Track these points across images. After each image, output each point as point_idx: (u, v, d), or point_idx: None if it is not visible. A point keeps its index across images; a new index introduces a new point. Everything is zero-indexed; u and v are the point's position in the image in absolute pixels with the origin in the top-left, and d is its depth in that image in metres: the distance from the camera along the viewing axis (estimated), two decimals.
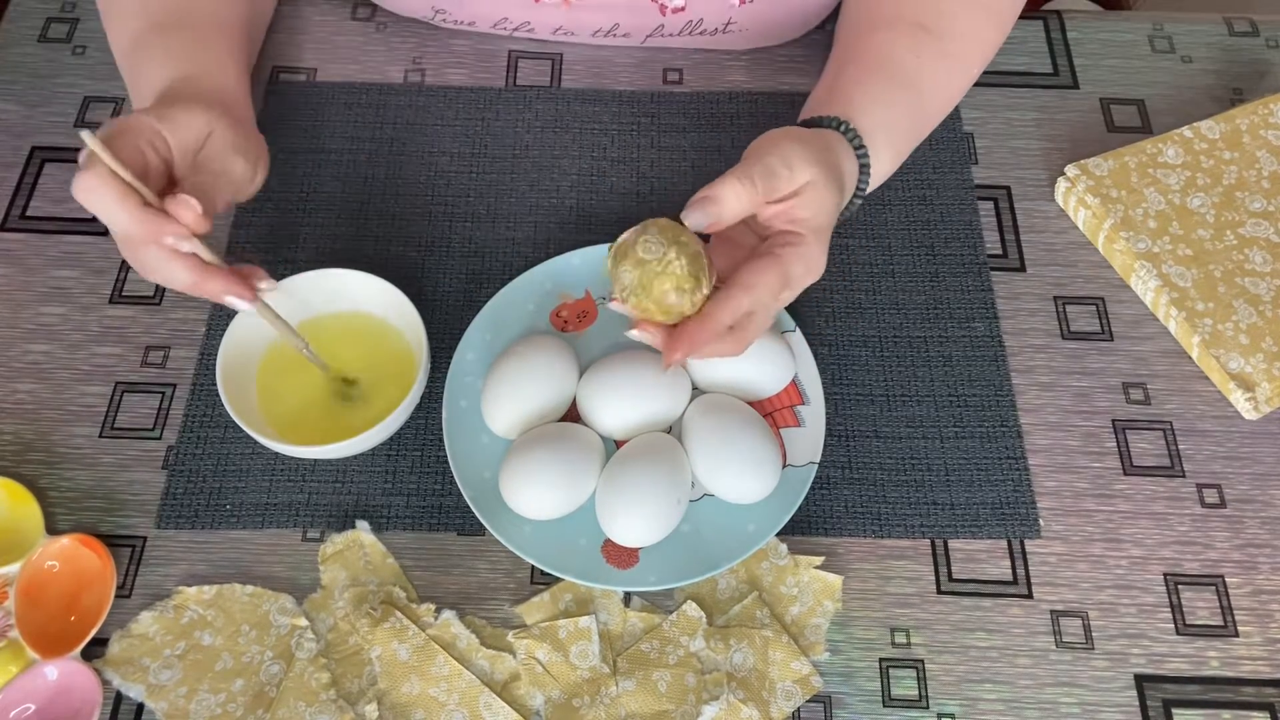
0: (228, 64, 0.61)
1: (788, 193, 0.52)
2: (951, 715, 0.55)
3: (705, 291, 0.52)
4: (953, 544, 0.60)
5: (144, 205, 0.50)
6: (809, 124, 0.58)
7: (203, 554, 0.59)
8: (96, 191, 0.49)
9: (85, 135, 0.48)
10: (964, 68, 0.65)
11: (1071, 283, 0.68)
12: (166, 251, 0.52)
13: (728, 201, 0.51)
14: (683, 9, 0.70)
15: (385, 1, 0.75)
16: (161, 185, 0.53)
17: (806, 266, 0.53)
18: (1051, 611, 0.58)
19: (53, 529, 0.59)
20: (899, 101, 0.61)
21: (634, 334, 0.53)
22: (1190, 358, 0.65)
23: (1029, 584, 0.59)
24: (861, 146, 0.57)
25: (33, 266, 0.67)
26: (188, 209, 0.50)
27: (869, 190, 0.59)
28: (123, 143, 0.51)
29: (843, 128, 0.57)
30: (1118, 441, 0.63)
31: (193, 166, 0.54)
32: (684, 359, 0.52)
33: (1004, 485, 0.61)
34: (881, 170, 0.60)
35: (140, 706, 0.55)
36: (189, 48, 0.60)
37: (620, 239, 0.52)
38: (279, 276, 0.61)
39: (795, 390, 0.62)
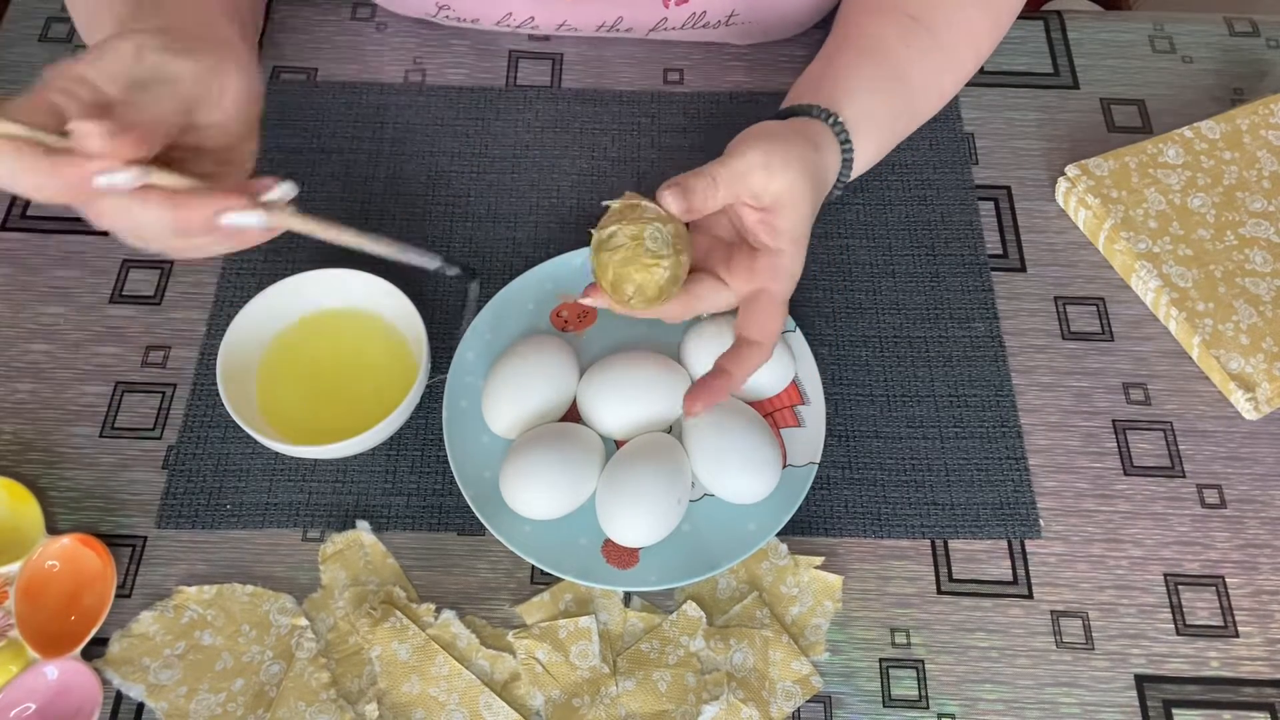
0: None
1: (765, 198, 0.53)
2: (951, 715, 0.55)
3: (677, 264, 0.52)
4: (953, 544, 0.60)
5: (47, 152, 0.42)
6: (794, 110, 0.58)
7: (203, 554, 0.59)
8: None
9: None
10: (955, 63, 0.64)
11: (1072, 283, 0.68)
12: (114, 198, 0.43)
13: (697, 194, 0.52)
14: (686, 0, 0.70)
15: (387, 1, 0.75)
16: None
17: (791, 279, 0.55)
18: (1051, 612, 0.58)
19: (53, 529, 0.59)
20: (886, 91, 0.61)
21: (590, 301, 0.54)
22: (1190, 358, 0.65)
23: (1029, 584, 0.59)
24: (847, 141, 0.58)
25: (33, 266, 0.67)
26: (91, 134, 0.41)
27: (868, 137, 0.60)
28: (22, 104, 0.42)
29: (830, 119, 0.57)
30: (1118, 442, 0.63)
31: (126, 90, 0.44)
32: (704, 410, 0.54)
33: (1004, 485, 0.61)
34: (864, 161, 0.60)
35: (140, 706, 0.55)
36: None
37: (605, 228, 0.53)
38: (279, 277, 0.61)
39: (795, 390, 0.62)
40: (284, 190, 0.47)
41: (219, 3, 0.56)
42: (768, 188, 0.53)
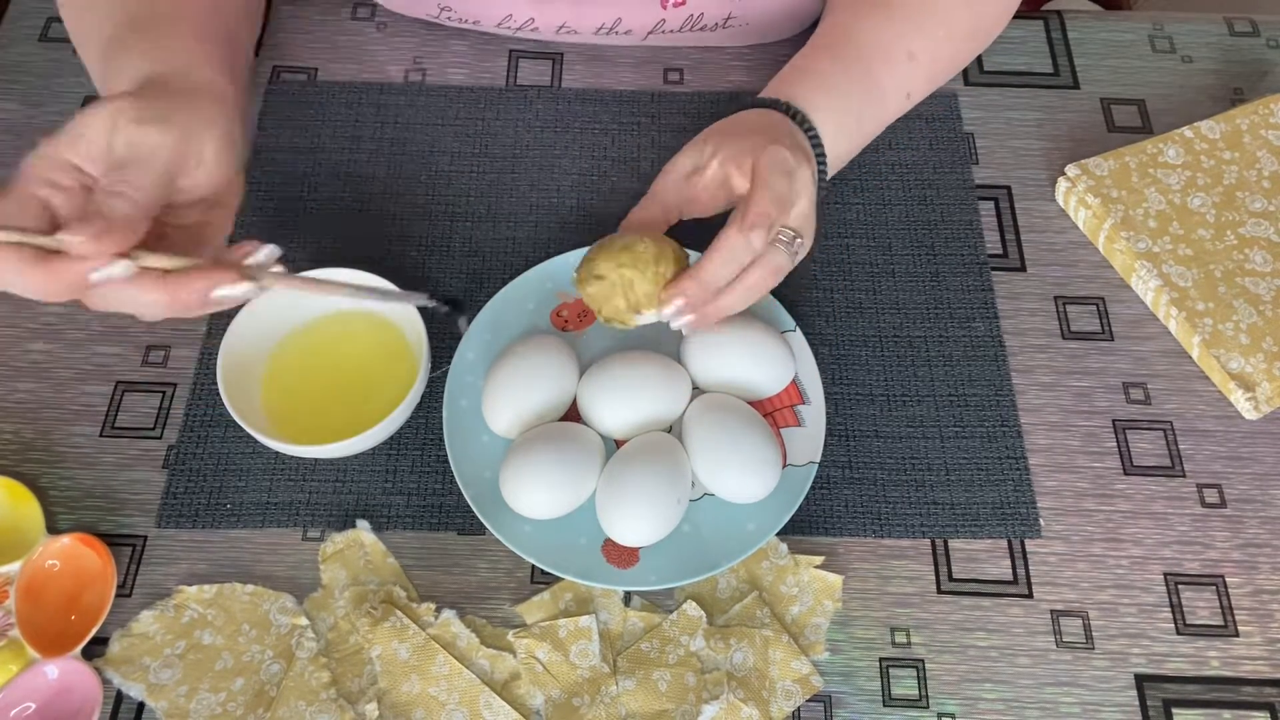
0: (193, 50, 0.54)
1: (718, 174, 0.56)
2: (951, 715, 0.55)
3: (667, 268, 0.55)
4: (953, 544, 0.60)
5: (41, 256, 0.43)
6: None
7: (203, 553, 0.59)
8: None
9: None
10: (922, 34, 0.64)
11: (1072, 283, 0.68)
12: (112, 288, 0.45)
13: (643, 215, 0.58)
14: (683, 2, 0.70)
15: (389, 1, 0.75)
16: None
17: (773, 160, 0.54)
18: (1052, 611, 0.58)
19: (53, 528, 0.59)
20: (826, 49, 0.62)
21: (677, 324, 0.56)
22: (1190, 358, 0.65)
23: (1029, 584, 0.59)
24: (788, 104, 0.59)
25: None
26: (79, 234, 0.42)
27: (827, 110, 0.60)
28: (10, 204, 0.44)
29: (751, 99, 0.61)
30: (1118, 441, 0.63)
31: (107, 170, 0.46)
32: (688, 307, 0.54)
33: (1004, 485, 0.61)
34: (823, 103, 0.60)
35: (140, 706, 0.55)
36: (152, 48, 0.53)
37: (594, 307, 0.57)
38: None
39: (795, 390, 0.62)
40: (268, 253, 0.49)
41: (208, 29, 0.57)
42: (708, 169, 0.56)
